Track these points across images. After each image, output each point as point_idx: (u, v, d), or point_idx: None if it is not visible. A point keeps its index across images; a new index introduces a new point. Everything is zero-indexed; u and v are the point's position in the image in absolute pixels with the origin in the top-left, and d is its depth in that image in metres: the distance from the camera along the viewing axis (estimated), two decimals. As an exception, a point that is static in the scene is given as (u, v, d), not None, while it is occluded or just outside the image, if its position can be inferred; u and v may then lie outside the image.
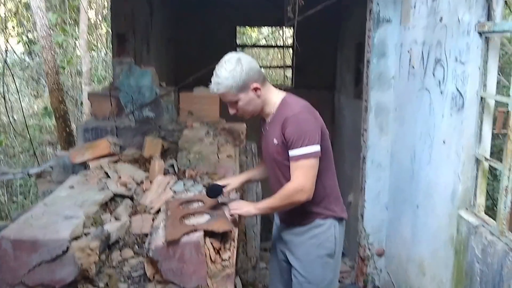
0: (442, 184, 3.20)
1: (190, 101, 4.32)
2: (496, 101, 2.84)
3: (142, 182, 3.77)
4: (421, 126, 3.58)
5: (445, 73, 3.14)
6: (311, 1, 4.20)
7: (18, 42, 12.31)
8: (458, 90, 2.95)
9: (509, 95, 2.52)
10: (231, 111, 2.71)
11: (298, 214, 2.74)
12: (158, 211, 3.36)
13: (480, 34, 2.76)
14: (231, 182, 3.11)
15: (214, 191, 3.04)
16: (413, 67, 3.74)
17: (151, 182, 3.74)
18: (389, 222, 4.43)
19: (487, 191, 3.13)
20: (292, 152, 2.53)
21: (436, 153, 3.33)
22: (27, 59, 12.89)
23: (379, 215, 4.50)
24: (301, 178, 2.53)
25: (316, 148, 2.52)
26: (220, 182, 3.13)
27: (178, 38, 7.82)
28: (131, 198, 3.62)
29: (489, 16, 2.74)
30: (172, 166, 3.97)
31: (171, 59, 7.23)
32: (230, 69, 2.55)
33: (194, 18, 8.06)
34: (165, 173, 3.87)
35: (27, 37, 12.06)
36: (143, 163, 4.03)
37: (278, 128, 2.59)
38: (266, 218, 5.67)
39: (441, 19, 3.21)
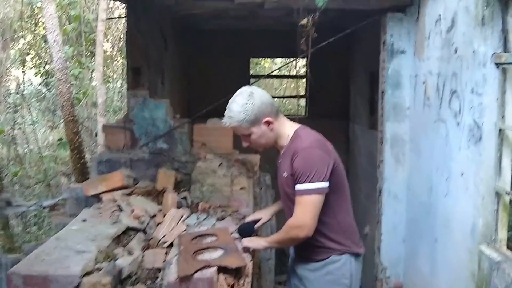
0: (461, 217, 3.12)
1: (203, 133, 4.32)
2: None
3: (155, 215, 3.73)
4: (438, 158, 3.52)
5: (461, 104, 3.10)
6: (322, 32, 4.22)
7: (36, 74, 12.54)
8: (475, 122, 2.90)
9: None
10: (244, 144, 2.75)
11: (313, 249, 2.69)
12: (171, 245, 3.32)
13: (497, 65, 2.72)
14: (263, 215, 3.12)
15: (245, 230, 3.02)
16: (429, 98, 3.70)
17: (164, 215, 3.70)
18: (406, 256, 4.33)
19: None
20: (297, 187, 2.51)
21: (454, 185, 3.25)
22: (44, 90, 13.10)
23: (396, 248, 4.39)
24: (301, 214, 2.51)
25: (322, 184, 2.48)
26: (250, 218, 3.14)
27: (192, 70, 7.89)
28: (144, 232, 3.59)
29: (505, 47, 2.71)
30: (185, 198, 3.93)
31: (185, 91, 7.29)
32: (242, 103, 2.57)
33: (207, 51, 8.13)
34: (178, 206, 3.83)
35: (45, 68, 12.28)
36: (156, 195, 4.01)
37: (288, 160, 2.58)
38: (280, 251, 5.59)
39: (456, 51, 3.18)
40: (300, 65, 10.88)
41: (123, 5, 4.73)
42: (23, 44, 12.56)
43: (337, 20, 5.50)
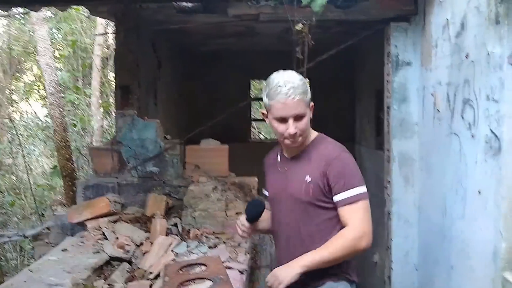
0: (480, 241, 2.78)
1: (196, 155, 4.07)
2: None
3: (142, 244, 3.48)
4: (451, 175, 3.20)
5: (475, 114, 2.80)
6: (325, 49, 3.99)
7: (43, 106, 12.50)
8: (492, 132, 2.59)
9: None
10: (292, 130, 2.24)
11: (308, 274, 2.34)
12: (158, 276, 3.07)
13: (515, 67, 2.44)
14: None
15: (254, 208, 2.47)
16: (438, 110, 3.41)
17: (151, 243, 3.44)
18: (420, 285, 3.98)
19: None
20: (347, 193, 2.23)
21: (471, 205, 2.93)
22: (49, 120, 13.08)
23: (409, 278, 4.05)
24: (362, 222, 2.21)
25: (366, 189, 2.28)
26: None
27: (189, 91, 7.71)
28: (129, 262, 3.33)
29: (523, 47, 2.43)
30: (176, 225, 3.66)
31: (181, 112, 7.08)
32: (300, 78, 2.24)
33: (206, 72, 7.99)
34: (168, 233, 3.58)
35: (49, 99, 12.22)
36: (144, 222, 3.75)
37: (316, 166, 2.28)
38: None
39: (467, 56, 2.90)
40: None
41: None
42: (30, 76, 12.58)
43: (340, 37, 5.28)
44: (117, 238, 3.43)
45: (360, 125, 7.81)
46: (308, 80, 8.38)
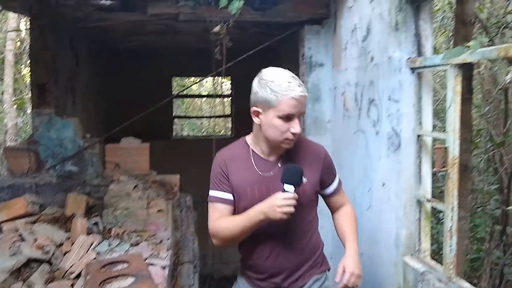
0: (385, 230, 3.04)
1: (117, 153, 4.05)
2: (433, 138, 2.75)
3: (62, 244, 3.43)
4: (359, 169, 3.45)
5: (379, 113, 3.05)
6: (245, 50, 4.11)
7: None
8: (393, 129, 2.84)
9: (445, 131, 2.42)
10: (299, 129, 2.16)
11: (297, 272, 2.46)
12: (79, 275, 3.05)
13: (412, 70, 2.69)
14: None
15: (294, 173, 2.15)
16: (348, 109, 3.65)
17: (72, 243, 3.41)
18: (335, 273, 4.20)
19: (432, 235, 2.99)
20: (336, 181, 2.48)
21: (377, 197, 3.18)
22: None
23: (324, 266, 4.27)
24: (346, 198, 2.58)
25: None
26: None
27: (109, 89, 7.54)
28: (49, 262, 3.28)
29: (419, 51, 2.69)
30: (97, 224, 3.64)
31: (101, 111, 6.93)
32: None
33: (127, 69, 7.85)
34: (89, 232, 3.55)
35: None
36: (64, 222, 3.69)
37: (310, 164, 2.31)
38: (205, 276, 5.29)
39: (372, 59, 3.14)
40: (228, 87, 10.83)
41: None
42: None
43: (258, 37, 5.43)
44: (36, 239, 3.36)
45: (279, 122, 8.00)
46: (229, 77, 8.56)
